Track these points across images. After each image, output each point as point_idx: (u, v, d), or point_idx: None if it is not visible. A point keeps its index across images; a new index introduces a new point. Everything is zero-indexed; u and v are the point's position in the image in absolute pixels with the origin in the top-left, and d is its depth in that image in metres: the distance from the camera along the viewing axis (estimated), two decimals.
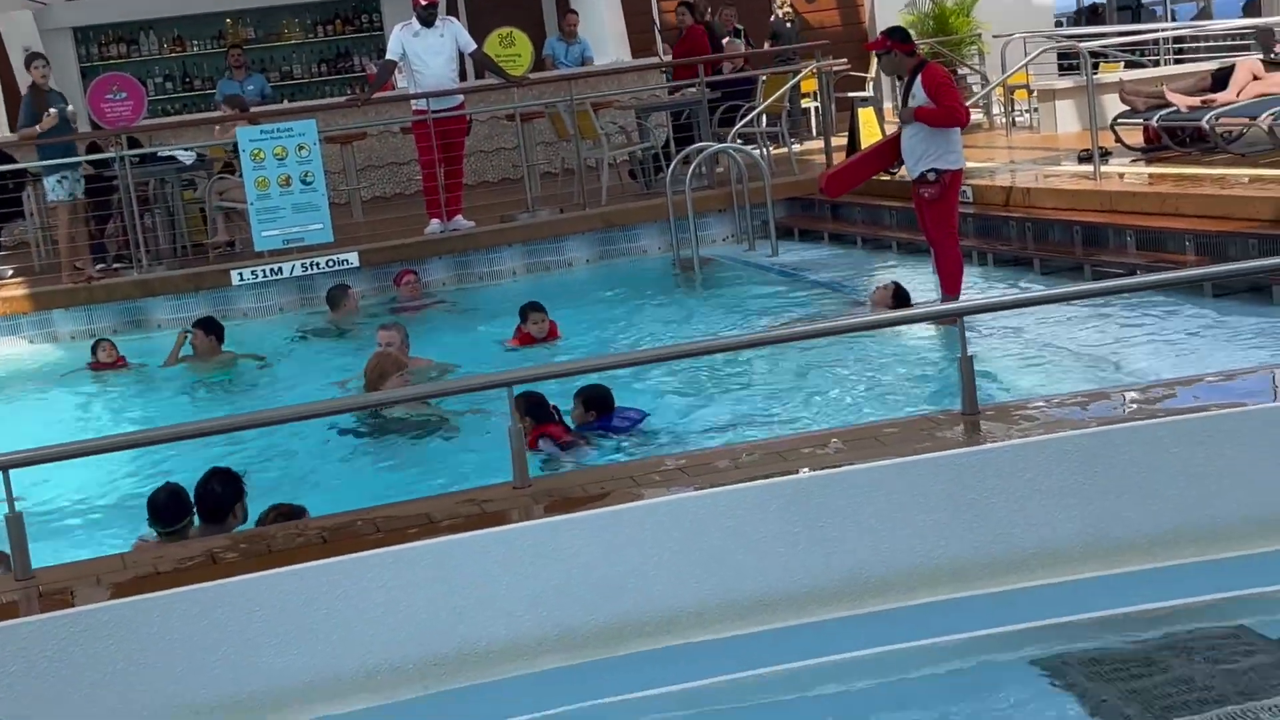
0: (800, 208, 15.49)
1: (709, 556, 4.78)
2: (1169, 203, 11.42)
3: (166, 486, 6.30)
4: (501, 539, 4.69)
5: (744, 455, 5.18)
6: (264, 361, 11.80)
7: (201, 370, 11.69)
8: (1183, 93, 13.39)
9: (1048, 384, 7.80)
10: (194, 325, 12.04)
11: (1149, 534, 4.92)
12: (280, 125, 14.09)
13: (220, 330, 11.94)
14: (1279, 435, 4.96)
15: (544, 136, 17.35)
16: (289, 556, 4.68)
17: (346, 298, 13.08)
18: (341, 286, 13.25)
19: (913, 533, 4.86)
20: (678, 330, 10.94)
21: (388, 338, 10.38)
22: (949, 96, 9.86)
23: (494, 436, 8.11)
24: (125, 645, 4.39)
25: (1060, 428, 5.05)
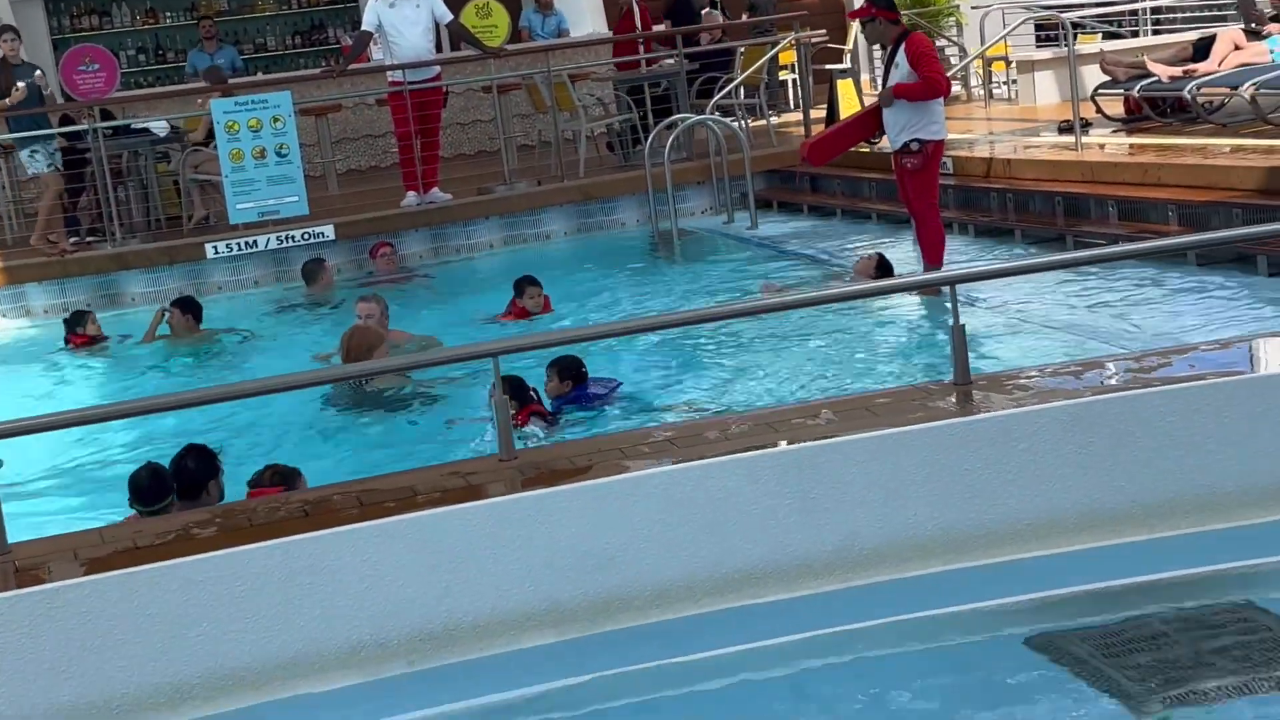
0: (779, 180, 15.40)
1: (699, 529, 4.70)
2: (1151, 173, 11.37)
3: (148, 465, 6.17)
4: (488, 512, 4.60)
5: (733, 426, 5.10)
6: (247, 335, 11.65)
7: (182, 350, 11.55)
8: (1164, 63, 13.32)
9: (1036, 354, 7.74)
10: (172, 304, 11.88)
11: (1145, 504, 4.86)
12: (255, 97, 13.94)
13: (198, 309, 11.79)
14: (1274, 402, 4.89)
15: (521, 109, 17.20)
16: (269, 530, 4.58)
17: (322, 271, 12.96)
18: (316, 260, 13.12)
19: (905, 504, 4.79)
20: (657, 303, 10.85)
21: (367, 310, 10.25)
22: (930, 66, 9.77)
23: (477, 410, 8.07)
24: (102, 622, 4.29)
25: (1054, 397, 4.98)
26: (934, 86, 9.78)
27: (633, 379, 8.68)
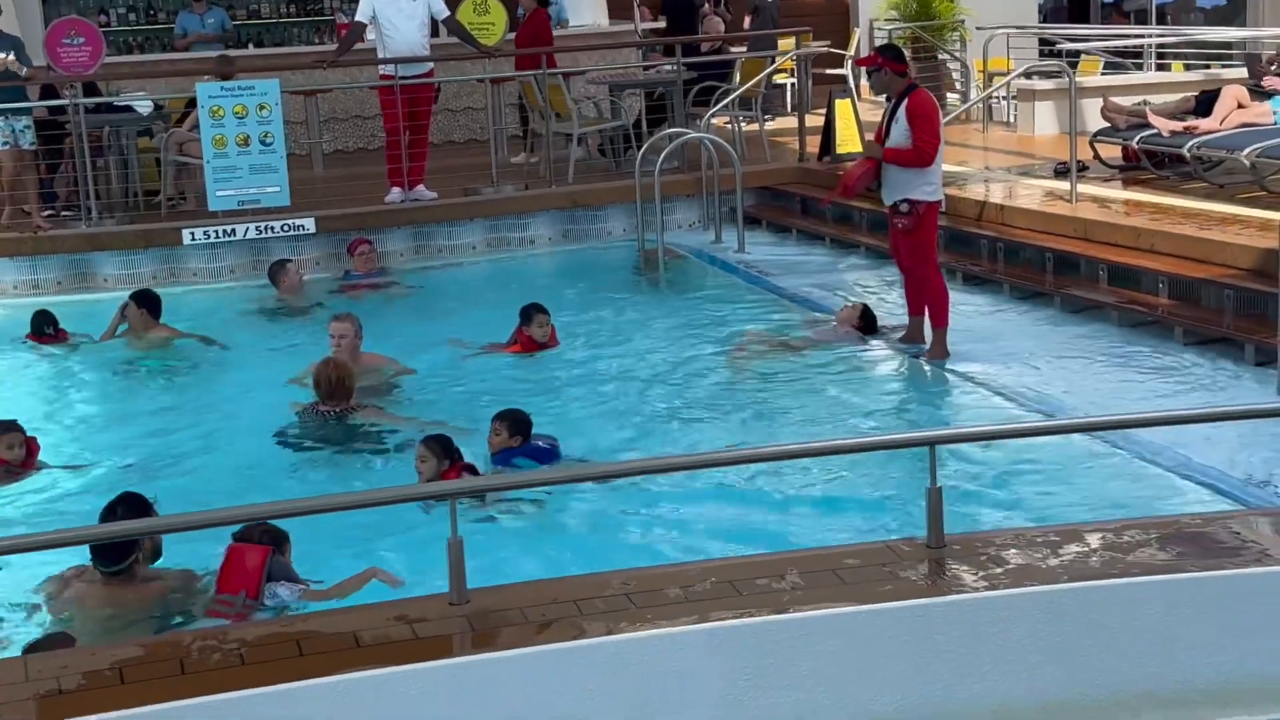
0: (770, 197, 15.21)
1: (654, 699, 4.52)
2: (1144, 238, 11.20)
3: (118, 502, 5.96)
4: (433, 675, 4.41)
5: (695, 582, 4.91)
6: (206, 339, 11.41)
7: (138, 347, 11.31)
8: (1165, 115, 13.16)
9: (1008, 459, 7.60)
10: (129, 297, 11.61)
11: (1115, 696, 4.70)
12: (243, 83, 13.67)
13: (156, 303, 11.50)
14: (1256, 601, 4.73)
15: (513, 98, 16.96)
16: (201, 681, 4.38)
17: (284, 273, 12.65)
18: (279, 262, 12.83)
19: (865, 685, 4.62)
20: (639, 343, 10.64)
21: (341, 329, 10.02)
22: (925, 132, 9.56)
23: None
24: None
25: (1028, 577, 4.80)
26: (922, 157, 9.59)
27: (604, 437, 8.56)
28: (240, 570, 6.02)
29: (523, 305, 10.37)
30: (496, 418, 8.01)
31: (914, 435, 5.60)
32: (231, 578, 6.05)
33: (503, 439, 7.89)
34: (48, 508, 7.80)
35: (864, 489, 7.17)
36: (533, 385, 9.65)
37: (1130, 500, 6.98)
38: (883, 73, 9.93)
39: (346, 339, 10.00)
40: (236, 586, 6.01)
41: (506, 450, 7.86)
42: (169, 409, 9.87)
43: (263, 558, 6.01)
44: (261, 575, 5.98)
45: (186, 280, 13.71)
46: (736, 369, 9.86)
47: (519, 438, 7.88)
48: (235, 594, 5.98)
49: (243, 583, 5.99)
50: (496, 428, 7.94)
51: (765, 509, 6.95)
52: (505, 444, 7.88)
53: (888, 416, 8.66)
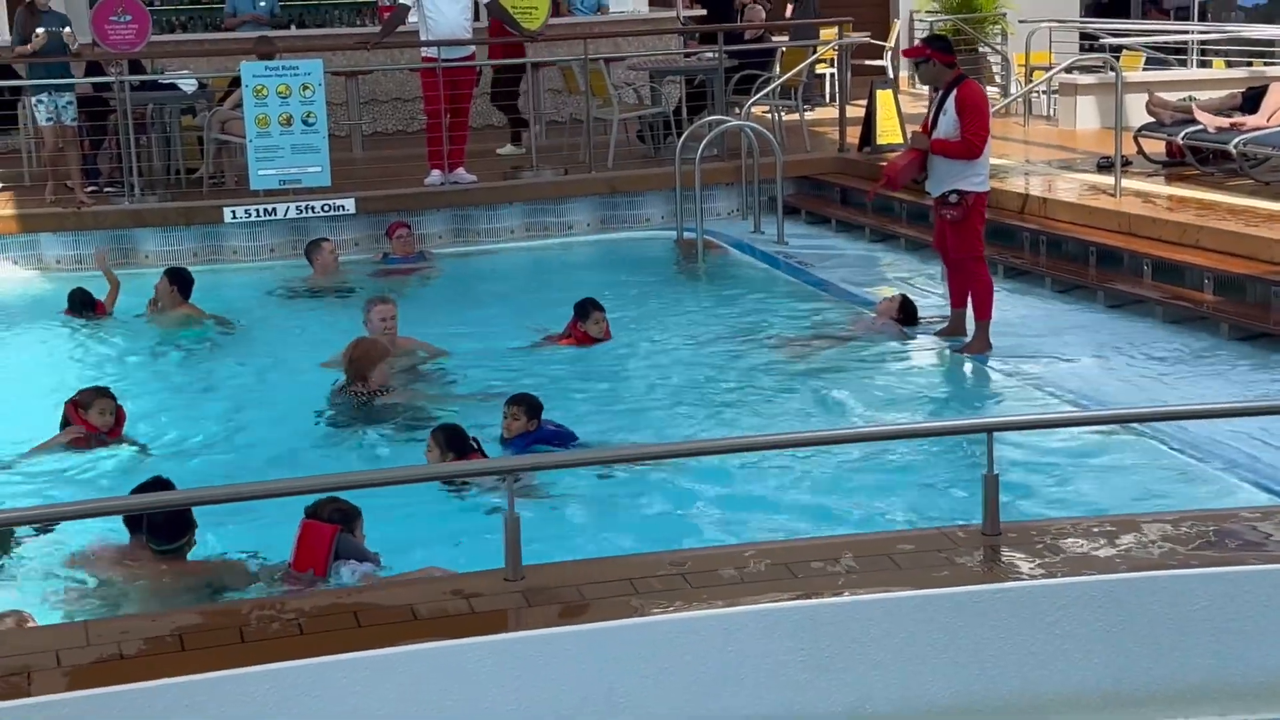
0: (810, 187, 15.18)
1: (706, 680, 4.53)
2: (1189, 234, 11.14)
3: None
4: (489, 648, 4.43)
5: (750, 563, 4.91)
6: (229, 328, 11.43)
7: (164, 323, 11.35)
8: (1211, 111, 13.08)
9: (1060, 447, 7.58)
10: (164, 273, 11.64)
11: (1172, 688, 4.69)
12: (286, 63, 13.70)
13: (188, 282, 11.53)
14: None
15: (553, 83, 16.96)
16: (262, 649, 4.41)
17: (319, 252, 12.66)
18: (315, 241, 12.85)
19: (923, 669, 4.62)
20: (677, 329, 10.63)
21: (386, 312, 10.02)
22: (974, 123, 9.52)
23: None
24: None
25: (1085, 566, 4.79)
26: (971, 150, 9.54)
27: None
28: (309, 549, 6.00)
29: (578, 300, 10.31)
30: (511, 402, 7.94)
31: (973, 422, 5.59)
32: (302, 556, 6.03)
33: (521, 424, 7.82)
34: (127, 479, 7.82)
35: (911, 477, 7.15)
36: (575, 376, 9.63)
37: (1179, 494, 6.95)
38: (930, 64, 9.88)
39: (388, 322, 10.00)
40: (305, 565, 5.99)
41: (524, 435, 7.79)
42: (201, 388, 9.89)
43: (330, 536, 5.99)
44: (329, 554, 5.94)
45: (227, 258, 13.77)
46: (779, 361, 9.83)
47: (535, 421, 7.83)
48: (304, 573, 5.97)
49: (310, 561, 5.97)
50: (514, 412, 7.87)
51: (815, 494, 6.93)
52: (524, 428, 7.80)
53: (933, 408, 8.64)
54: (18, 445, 8.38)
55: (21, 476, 7.92)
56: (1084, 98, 16.10)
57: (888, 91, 15.10)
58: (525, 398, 7.99)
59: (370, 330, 9.91)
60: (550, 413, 8.04)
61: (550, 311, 10.69)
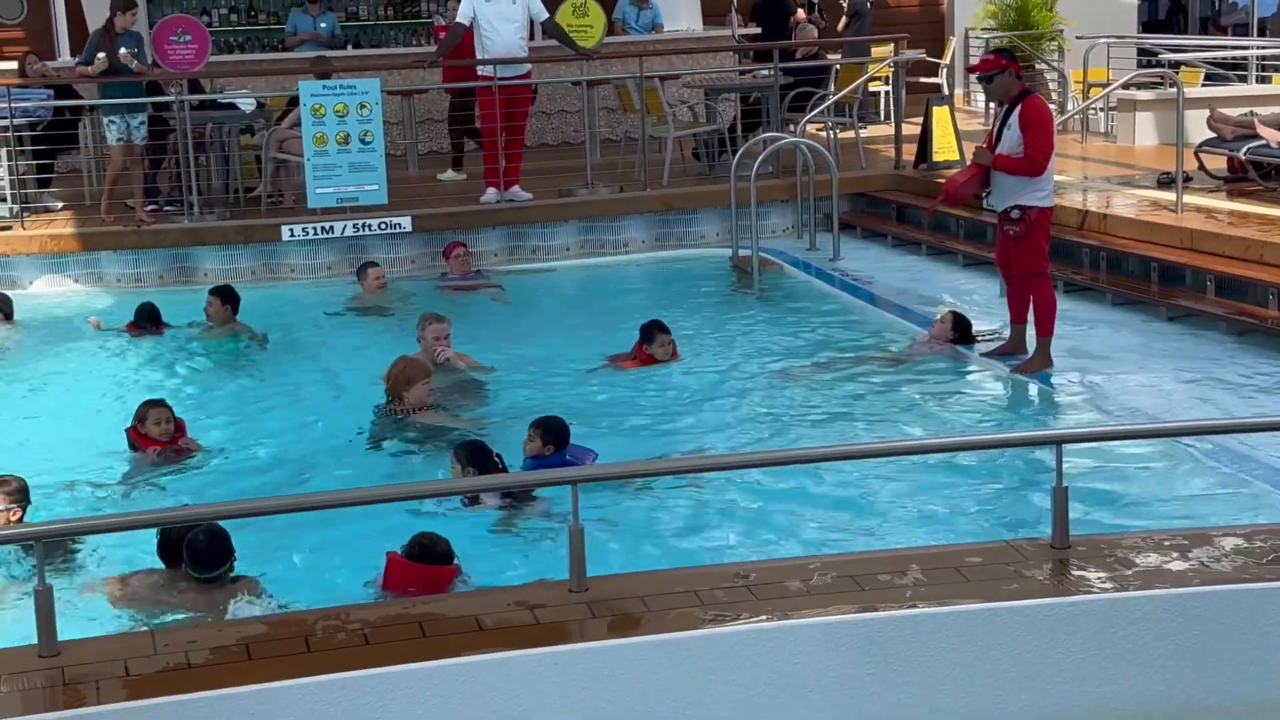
0: (865, 203, 15.12)
1: (774, 692, 4.50)
2: (1253, 249, 11.03)
3: (206, 527, 5.95)
4: (554, 659, 4.41)
5: (815, 575, 4.87)
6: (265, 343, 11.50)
7: (213, 337, 11.47)
8: (1274, 126, 12.96)
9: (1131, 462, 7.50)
10: (211, 292, 11.72)
11: (1246, 703, 4.62)
12: (344, 82, 13.80)
13: (235, 299, 11.63)
14: None
15: (607, 102, 17.00)
16: (328, 658, 4.40)
17: (365, 275, 12.69)
18: (363, 265, 12.89)
19: (991, 684, 4.57)
20: (735, 348, 10.59)
21: (440, 330, 10.02)
22: (1039, 140, 9.45)
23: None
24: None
25: (1159, 580, 4.73)
26: (1034, 167, 9.48)
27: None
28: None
29: (644, 322, 10.24)
30: (533, 424, 7.86)
31: (1041, 434, 5.54)
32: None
33: (536, 445, 7.70)
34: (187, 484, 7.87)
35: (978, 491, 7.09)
36: (631, 395, 9.61)
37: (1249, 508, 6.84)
38: (1006, 74, 9.78)
39: (441, 340, 9.99)
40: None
41: (539, 457, 7.64)
42: (242, 403, 9.92)
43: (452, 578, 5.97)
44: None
45: (284, 276, 13.84)
46: (834, 380, 9.77)
47: (551, 447, 7.65)
48: None
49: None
50: (532, 434, 7.77)
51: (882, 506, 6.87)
52: (539, 450, 7.66)
53: (996, 424, 8.56)
54: (77, 457, 8.45)
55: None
56: (1142, 114, 15.99)
57: (944, 108, 15.04)
58: (546, 421, 7.84)
59: (423, 347, 9.92)
60: (603, 432, 8.00)
61: (608, 330, 10.66)
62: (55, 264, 13.75)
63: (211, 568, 5.86)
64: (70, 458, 8.53)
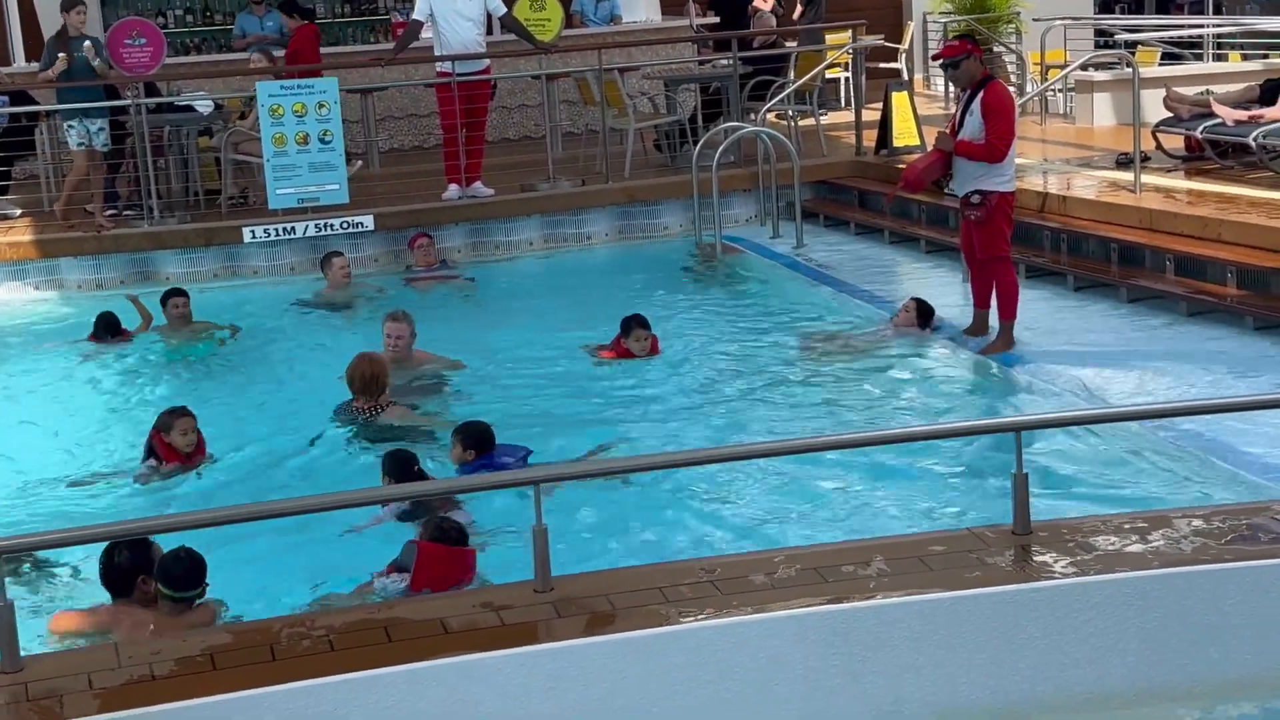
0: (828, 191, 15.14)
1: (739, 686, 4.52)
2: (1211, 228, 11.08)
3: (183, 549, 5.87)
4: (521, 661, 4.41)
5: (780, 569, 4.89)
6: (236, 332, 11.55)
7: (177, 339, 11.45)
8: (1229, 104, 13.02)
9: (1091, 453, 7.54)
10: (170, 295, 11.68)
11: (1208, 683, 4.66)
12: (302, 81, 13.75)
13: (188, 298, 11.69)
14: None
15: (568, 95, 16.98)
16: (293, 666, 4.40)
17: (329, 266, 12.69)
18: (327, 255, 12.88)
19: (956, 671, 4.59)
20: (697, 336, 10.61)
21: (397, 330, 9.98)
22: (1000, 126, 9.50)
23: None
24: None
25: (1117, 563, 4.76)
26: (994, 153, 9.53)
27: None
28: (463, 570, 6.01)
29: (624, 316, 10.13)
30: (455, 431, 7.80)
31: (1000, 421, 5.56)
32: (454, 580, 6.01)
33: (458, 453, 7.65)
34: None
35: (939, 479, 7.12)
36: (596, 381, 9.63)
37: (1208, 489, 6.90)
38: (971, 59, 9.81)
39: (403, 340, 9.98)
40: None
41: (464, 465, 7.59)
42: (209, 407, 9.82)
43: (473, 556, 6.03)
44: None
45: (247, 278, 13.80)
46: (799, 368, 9.81)
47: (472, 452, 7.60)
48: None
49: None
50: (454, 441, 7.72)
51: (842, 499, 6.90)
52: (462, 458, 7.62)
53: (959, 409, 8.59)
54: (45, 470, 8.39)
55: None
56: (1100, 94, 16.05)
57: (903, 93, 15.08)
58: (467, 428, 7.78)
59: (384, 345, 9.90)
60: (569, 419, 7.96)
61: (576, 320, 10.62)
62: (15, 271, 13.67)
63: (187, 587, 5.76)
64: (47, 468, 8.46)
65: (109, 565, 5.88)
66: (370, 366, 8.96)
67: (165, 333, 11.58)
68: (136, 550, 5.85)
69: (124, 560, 5.84)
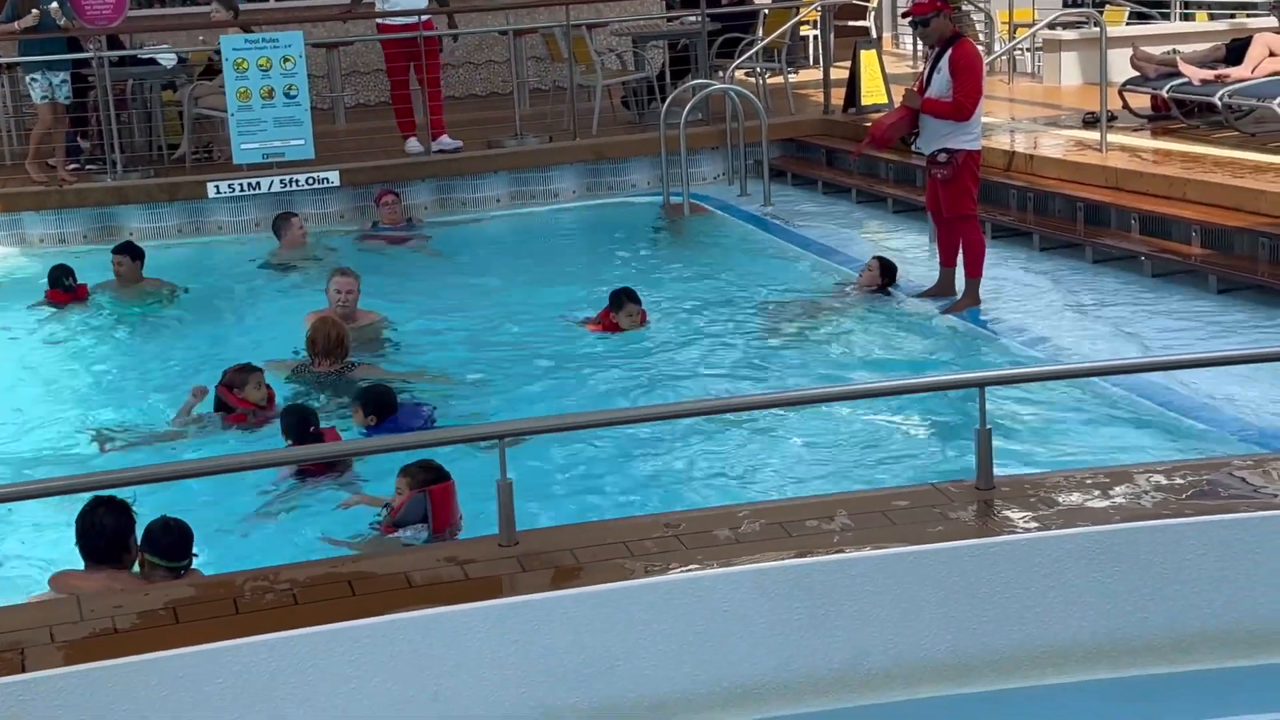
0: (795, 149, 15.13)
1: (703, 639, 4.52)
2: (1176, 187, 11.13)
3: (166, 520, 5.78)
4: (485, 614, 4.41)
5: (744, 523, 4.90)
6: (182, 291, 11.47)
7: (127, 297, 11.33)
8: (1195, 64, 13.05)
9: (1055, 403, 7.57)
10: (117, 251, 11.57)
11: (1167, 637, 4.69)
12: (266, 35, 13.64)
13: (142, 255, 11.57)
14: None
15: (535, 51, 16.89)
16: (257, 620, 4.39)
17: (287, 226, 12.57)
18: (283, 215, 12.77)
19: (918, 623, 4.61)
20: (659, 298, 10.58)
21: (346, 285, 9.88)
22: (967, 84, 9.50)
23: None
24: (77, 716, 4.11)
25: (1079, 518, 4.78)
26: (961, 111, 9.53)
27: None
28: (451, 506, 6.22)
29: (613, 289, 9.86)
30: (354, 397, 7.76)
31: (964, 376, 5.57)
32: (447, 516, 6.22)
33: (360, 418, 7.62)
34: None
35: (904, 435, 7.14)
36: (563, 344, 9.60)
37: (1170, 445, 6.95)
38: (941, 17, 9.78)
39: (353, 295, 9.90)
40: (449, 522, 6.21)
41: (366, 430, 7.54)
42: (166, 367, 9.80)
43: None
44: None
45: (211, 234, 13.73)
46: (766, 325, 9.81)
47: (374, 417, 7.55)
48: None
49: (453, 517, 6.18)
50: (355, 407, 7.69)
51: (808, 454, 6.92)
52: (364, 423, 7.58)
53: (924, 366, 8.62)
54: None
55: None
56: (1068, 54, 16.08)
57: (871, 52, 15.06)
58: (366, 392, 7.74)
59: (330, 301, 9.84)
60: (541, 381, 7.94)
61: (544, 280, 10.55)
62: None
63: (177, 557, 5.70)
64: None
65: (92, 530, 5.71)
66: (334, 328, 8.92)
67: (115, 290, 11.46)
68: (121, 514, 5.75)
69: (109, 525, 5.70)
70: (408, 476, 6.33)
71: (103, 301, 11.33)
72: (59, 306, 11.21)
